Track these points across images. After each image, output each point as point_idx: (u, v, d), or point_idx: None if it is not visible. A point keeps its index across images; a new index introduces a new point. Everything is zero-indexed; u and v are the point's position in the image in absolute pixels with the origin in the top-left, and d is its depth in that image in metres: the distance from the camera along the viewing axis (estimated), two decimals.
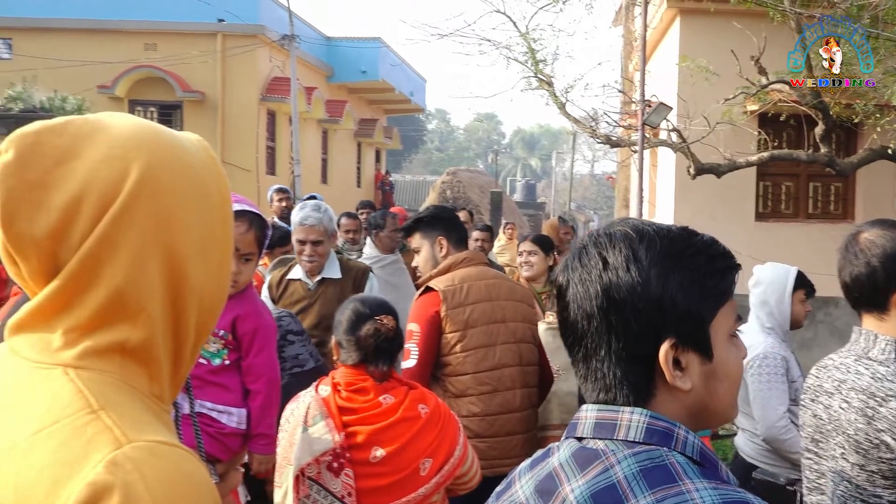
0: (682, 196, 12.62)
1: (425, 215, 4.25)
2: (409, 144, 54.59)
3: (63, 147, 1.04)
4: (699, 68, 10.42)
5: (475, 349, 3.85)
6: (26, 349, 1.04)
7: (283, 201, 9.36)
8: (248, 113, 21.61)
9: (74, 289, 1.02)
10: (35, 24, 21.00)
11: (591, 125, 11.12)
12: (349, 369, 2.86)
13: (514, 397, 3.90)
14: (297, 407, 2.80)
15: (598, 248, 1.27)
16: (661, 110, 10.18)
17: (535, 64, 11.00)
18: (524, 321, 4.04)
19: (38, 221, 1.02)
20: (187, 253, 1.07)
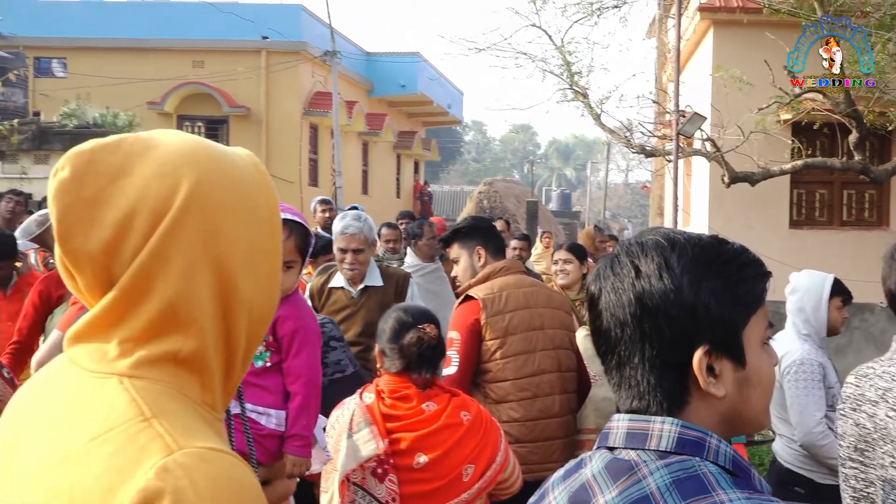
0: (716, 204, 12.50)
1: (463, 226, 4.25)
2: (447, 155, 54.63)
3: (116, 164, 1.04)
4: (733, 78, 10.33)
5: (515, 356, 3.83)
6: (83, 359, 1.05)
7: (325, 212, 9.40)
8: (292, 127, 21.76)
9: (128, 301, 1.03)
10: (88, 43, 21.33)
11: (626, 135, 11.06)
12: (393, 377, 2.85)
13: (553, 403, 3.88)
14: (342, 414, 2.80)
15: (630, 256, 1.26)
16: (695, 120, 10.10)
17: (570, 76, 10.97)
18: (562, 328, 4.02)
19: (93, 237, 1.03)
20: (236, 265, 1.07)
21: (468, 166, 69.65)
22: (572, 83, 11.00)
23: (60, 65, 21.59)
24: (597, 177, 56.41)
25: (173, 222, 1.03)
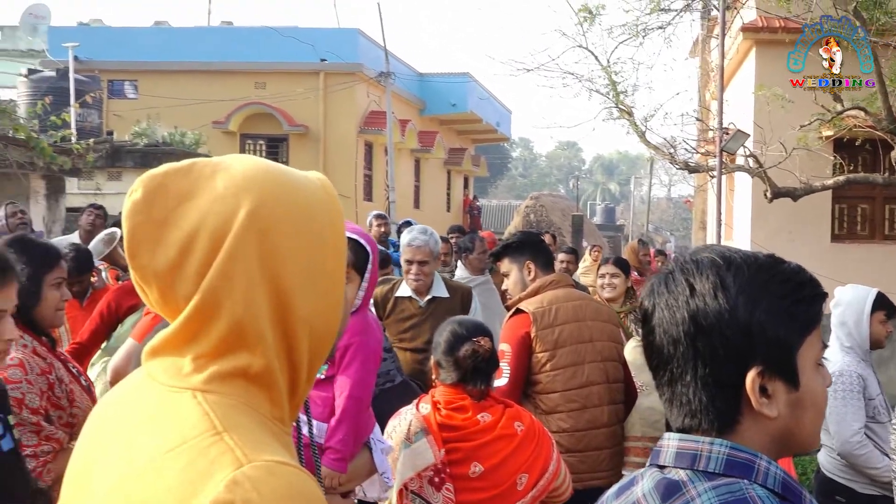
0: (758, 218, 12.31)
1: (513, 241, 4.23)
2: (495, 171, 54.60)
3: (186, 188, 1.06)
4: (775, 96, 10.17)
5: (564, 368, 3.80)
6: (160, 373, 1.06)
7: (381, 226, 9.46)
8: (348, 144, 21.92)
9: (200, 320, 1.04)
10: (158, 66, 21.72)
11: (671, 152, 10.94)
12: (448, 388, 2.84)
13: (601, 414, 3.84)
14: (399, 423, 2.79)
15: (685, 274, 1.23)
16: (738, 137, 9.96)
17: (616, 95, 10.88)
18: (610, 340, 3.98)
19: (159, 255, 1.04)
20: (293, 285, 1.06)
21: (515, 181, 69.56)
22: (618, 102, 10.91)
23: (132, 87, 22.02)
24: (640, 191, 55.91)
25: (233, 243, 1.03)
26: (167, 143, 14.71)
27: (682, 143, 11.00)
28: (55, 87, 14.11)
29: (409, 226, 10.36)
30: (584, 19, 10.95)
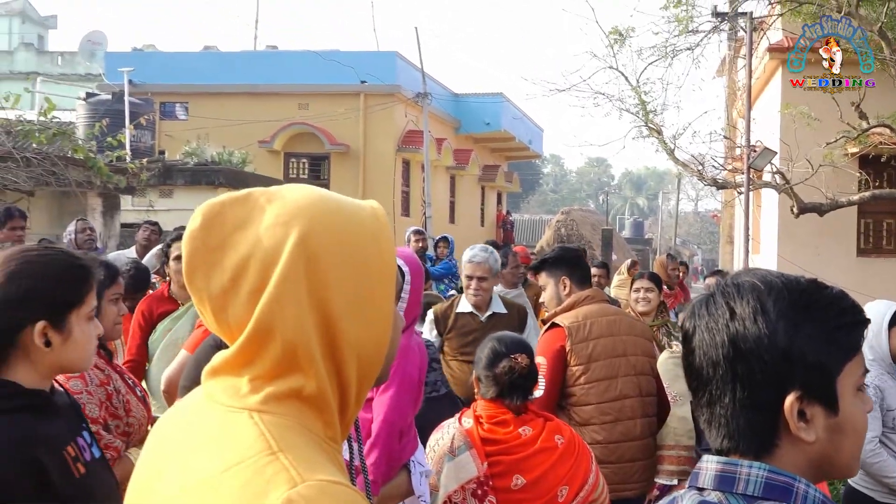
0: (785, 233, 12.16)
1: (550, 256, 4.19)
2: (527, 186, 54.53)
3: (241, 216, 1.07)
4: (801, 115, 10.05)
5: (598, 381, 3.75)
6: (219, 393, 1.06)
7: (419, 241, 9.49)
8: (386, 162, 22.02)
9: (255, 344, 1.04)
10: (207, 89, 22.00)
11: (699, 169, 10.85)
12: (489, 403, 2.82)
13: (634, 426, 3.79)
14: (443, 437, 2.78)
15: (725, 297, 1.20)
16: (765, 155, 9.85)
17: (645, 114, 10.82)
18: (643, 355, 3.92)
19: (214, 280, 1.05)
20: (341, 311, 1.06)
21: (547, 196, 69.38)
22: (647, 121, 10.85)
23: (183, 109, 22.30)
24: (668, 205, 55.56)
25: (283, 270, 1.03)
26: (215, 161, 14.84)
27: (711, 161, 10.89)
28: (111, 110, 14.34)
29: (446, 241, 10.39)
30: (615, 41, 10.92)
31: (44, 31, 41.40)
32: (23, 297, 1.78)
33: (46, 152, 9.76)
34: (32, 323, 1.78)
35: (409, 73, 22.13)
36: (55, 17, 42.42)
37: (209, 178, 14.36)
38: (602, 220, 31.02)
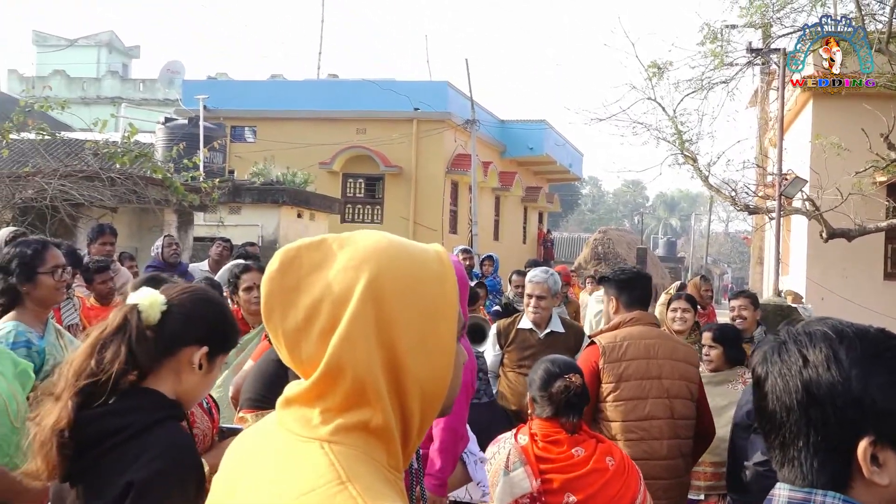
0: (814, 256, 11.90)
1: (606, 275, 4.15)
2: (567, 206, 54.21)
3: (316, 260, 1.07)
4: (832, 145, 9.84)
5: (626, 400, 3.67)
6: (291, 423, 1.07)
7: (466, 260, 9.45)
8: (436, 183, 22.08)
9: (327, 379, 1.04)
10: (273, 114, 22.29)
11: (732, 195, 10.67)
12: (544, 422, 2.79)
13: (661, 447, 3.67)
14: (499, 452, 2.75)
15: (798, 345, 1.18)
16: (796, 183, 9.66)
17: (681, 143, 10.69)
18: (682, 379, 3.78)
19: (290, 318, 1.05)
20: (407, 349, 1.05)
21: (585, 216, 68.92)
22: (682, 149, 10.72)
23: (251, 132, 22.63)
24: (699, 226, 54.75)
25: (353, 310, 1.03)
26: (280, 181, 15.00)
27: (743, 188, 10.71)
28: (187, 134, 14.58)
29: (491, 259, 10.35)
30: (653, 74, 10.82)
31: (128, 60, 42.41)
32: (203, 321, 1.87)
33: (129, 172, 9.98)
34: (198, 345, 1.86)
35: (458, 101, 22.21)
36: (138, 47, 43.43)
37: (274, 197, 14.52)
38: (637, 239, 30.70)
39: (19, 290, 3.19)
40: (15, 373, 2.64)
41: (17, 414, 2.49)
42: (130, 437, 1.71)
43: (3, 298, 3.20)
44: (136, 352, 1.78)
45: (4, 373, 2.57)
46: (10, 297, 3.20)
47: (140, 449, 1.69)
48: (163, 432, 1.74)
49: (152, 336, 1.81)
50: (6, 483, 2.34)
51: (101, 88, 37.57)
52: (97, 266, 5.91)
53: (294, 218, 15.07)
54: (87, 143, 11.45)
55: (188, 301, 1.89)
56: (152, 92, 37.18)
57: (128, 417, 1.73)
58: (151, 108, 28.41)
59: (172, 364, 1.83)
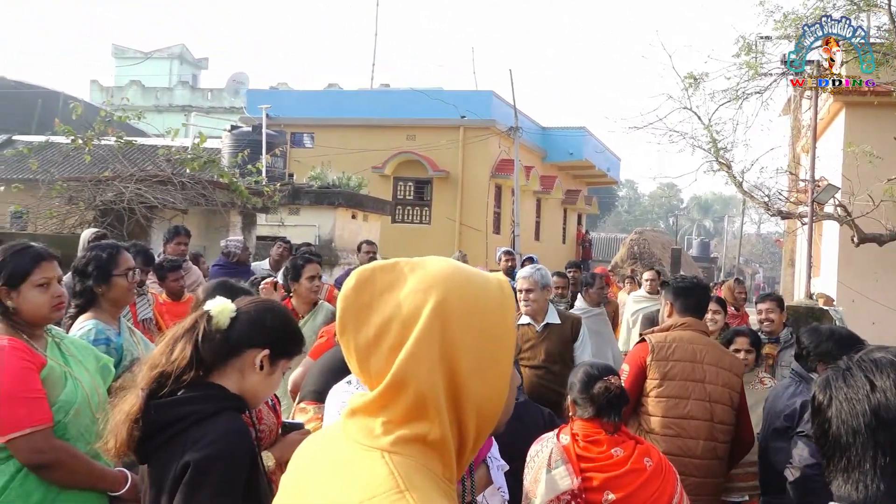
0: (845, 261, 11.58)
1: (667, 280, 4.16)
2: (604, 208, 53.60)
3: (389, 281, 1.08)
4: (864, 153, 9.56)
5: (668, 398, 3.67)
6: (355, 432, 1.07)
7: (508, 261, 9.42)
8: (481, 186, 22.05)
9: (392, 393, 1.05)
10: (330, 122, 22.49)
11: (765, 201, 10.44)
12: (585, 422, 2.77)
13: (696, 446, 3.63)
14: (541, 450, 2.73)
15: (863, 371, 1.17)
16: (829, 190, 9.41)
17: (716, 151, 10.49)
18: (724, 386, 3.72)
19: (361, 334, 1.07)
20: (466, 370, 1.06)
21: (621, 217, 68.13)
22: (717, 157, 10.52)
23: (309, 138, 22.84)
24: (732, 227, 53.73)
25: (420, 330, 1.04)
26: (336, 185, 15.10)
27: (776, 194, 10.47)
28: (251, 141, 14.76)
29: (532, 261, 10.29)
30: (690, 85, 10.63)
31: (197, 71, 43.17)
32: (266, 327, 1.96)
33: (198, 177, 10.14)
34: (261, 348, 1.94)
35: (502, 109, 22.13)
36: (207, 59, 44.19)
37: (330, 199, 14.64)
38: (671, 240, 30.27)
39: (95, 292, 3.27)
40: (97, 367, 2.70)
41: (99, 406, 2.55)
42: (193, 423, 1.80)
43: (81, 299, 3.29)
44: (202, 350, 1.88)
45: (88, 367, 2.63)
46: (86, 298, 3.28)
47: (200, 434, 1.78)
48: (221, 420, 1.82)
49: (219, 338, 1.89)
50: (86, 469, 2.42)
51: (172, 97, 38.31)
52: (170, 265, 6.02)
53: (349, 219, 15.18)
54: (160, 149, 11.68)
55: (255, 310, 1.98)
56: (219, 101, 37.80)
57: (191, 406, 1.82)
58: (218, 115, 28.88)
59: (237, 364, 1.92)
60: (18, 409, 2.31)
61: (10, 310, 2.46)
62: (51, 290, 2.51)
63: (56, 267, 2.57)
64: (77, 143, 10.33)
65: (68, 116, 10.48)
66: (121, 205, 9.15)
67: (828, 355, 3.40)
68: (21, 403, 2.32)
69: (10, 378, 2.33)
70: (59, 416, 2.40)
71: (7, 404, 2.32)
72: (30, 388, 2.35)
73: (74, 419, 2.43)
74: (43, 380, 2.41)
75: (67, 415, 2.41)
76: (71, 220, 9.51)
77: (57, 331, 2.72)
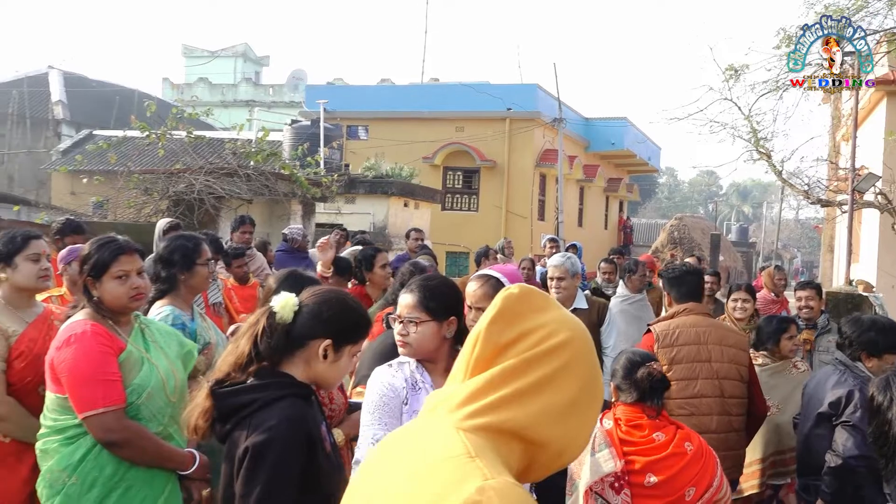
0: (885, 247, 11.18)
1: (661, 272, 4.15)
2: (644, 195, 52.72)
3: (542, 304, 1.18)
4: None
5: (678, 380, 3.68)
6: (443, 413, 1.12)
7: (553, 248, 9.36)
8: (526, 175, 21.89)
9: (489, 385, 1.11)
10: (383, 115, 22.54)
11: (805, 189, 10.12)
12: (628, 407, 2.75)
13: (710, 421, 3.66)
14: None
15: None
16: (869, 178, 9.08)
17: (756, 141, 10.20)
18: (731, 362, 3.76)
19: (503, 336, 1.13)
20: (562, 404, 1.11)
21: (662, 203, 66.96)
22: (758, 146, 10.22)
23: (364, 130, 22.93)
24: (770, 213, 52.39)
25: (541, 353, 1.11)
26: (389, 175, 15.16)
27: (816, 182, 10.14)
28: (310, 134, 14.91)
29: (575, 248, 10.19)
30: (730, 77, 10.34)
31: (259, 68, 43.68)
32: (327, 318, 1.96)
33: (262, 169, 10.29)
34: (323, 338, 1.94)
35: (546, 101, 21.90)
36: (268, 56, 44.66)
37: (384, 188, 14.71)
38: (711, 225, 29.56)
39: (178, 278, 3.35)
40: (180, 353, 2.75)
41: (175, 390, 2.60)
42: (257, 409, 1.84)
43: (165, 285, 3.37)
44: (264, 344, 1.91)
45: (168, 353, 2.68)
46: (169, 284, 3.36)
47: (262, 419, 1.82)
48: (283, 406, 1.85)
49: (283, 331, 1.92)
50: (154, 448, 2.47)
51: (237, 93, 38.86)
52: (234, 253, 6.14)
53: (401, 207, 15.24)
54: (226, 142, 11.87)
55: (316, 302, 1.98)
56: (280, 95, 38.21)
57: (255, 394, 1.86)
58: (279, 109, 29.19)
59: (303, 354, 1.93)
60: (94, 389, 2.38)
61: (95, 298, 2.54)
62: (129, 282, 2.55)
63: (136, 259, 2.61)
64: (151, 138, 10.57)
65: (143, 113, 10.72)
66: (191, 195, 9.34)
67: (870, 345, 3.30)
68: (97, 385, 2.39)
69: (88, 361, 2.40)
70: (132, 398, 2.46)
71: (84, 385, 2.39)
72: (106, 370, 2.42)
73: (147, 401, 2.49)
74: (120, 363, 2.48)
75: (140, 397, 2.47)
76: (146, 209, 9.75)
77: (145, 318, 2.78)
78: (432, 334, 2.34)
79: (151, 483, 2.46)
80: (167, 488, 2.51)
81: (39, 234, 3.18)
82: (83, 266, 2.56)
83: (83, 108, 26.15)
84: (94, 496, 2.37)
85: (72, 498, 2.38)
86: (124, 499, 2.40)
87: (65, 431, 2.42)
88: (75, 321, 2.52)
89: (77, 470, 2.39)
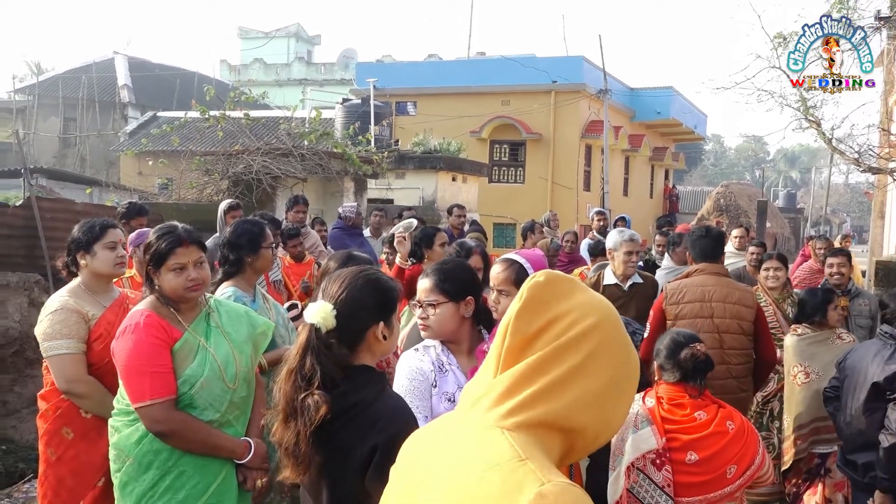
0: None
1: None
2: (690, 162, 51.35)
3: (568, 288, 1.14)
4: None
5: None
6: (481, 410, 1.10)
7: (601, 221, 9.27)
8: (572, 147, 21.59)
9: (523, 378, 1.08)
10: (431, 91, 22.42)
11: (856, 157, 9.72)
12: (670, 386, 2.72)
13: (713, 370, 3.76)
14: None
15: None
16: None
17: (805, 109, 9.80)
18: (732, 318, 3.96)
19: (532, 325, 1.10)
20: (596, 389, 1.08)
21: (708, 170, 65.31)
22: (807, 115, 9.83)
23: (412, 106, 22.89)
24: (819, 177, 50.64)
25: (571, 340, 1.08)
26: (437, 150, 15.12)
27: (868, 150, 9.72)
28: (362, 113, 14.94)
29: (623, 220, 10.03)
30: (779, 45, 9.92)
31: (311, 48, 43.80)
32: (374, 304, 1.89)
33: (315, 149, 10.38)
34: (377, 322, 1.88)
35: (592, 73, 21.47)
36: (320, 35, 44.71)
37: (432, 163, 14.68)
38: (758, 192, 28.64)
39: (245, 260, 3.41)
40: (251, 335, 2.68)
41: (234, 377, 2.55)
42: (364, 408, 1.79)
43: (233, 268, 3.43)
44: (328, 358, 1.79)
45: (234, 337, 2.61)
46: (237, 267, 3.43)
47: (374, 418, 1.78)
48: (388, 401, 1.84)
49: (336, 340, 1.81)
50: (203, 438, 2.46)
51: (290, 72, 39.13)
52: (289, 233, 6.24)
53: (449, 181, 15.21)
54: (281, 122, 11.99)
55: (348, 296, 1.86)
56: (331, 73, 38.33)
57: (358, 394, 1.81)
58: (331, 87, 29.32)
59: (364, 345, 1.87)
60: (142, 381, 2.39)
61: (157, 287, 2.55)
62: (185, 274, 2.52)
63: (194, 251, 2.57)
64: (210, 121, 10.74)
65: (202, 96, 10.89)
66: (249, 176, 9.50)
67: None
68: (145, 377, 2.39)
69: (138, 353, 2.41)
70: (184, 389, 2.45)
71: (134, 376, 2.41)
72: (156, 362, 2.41)
73: (201, 391, 2.47)
74: (174, 353, 2.46)
75: (193, 387, 2.45)
76: (208, 189, 9.95)
77: (216, 301, 2.73)
78: (451, 315, 2.36)
79: (205, 470, 2.47)
80: (221, 475, 2.50)
81: (115, 222, 3.25)
82: (145, 255, 2.58)
83: (147, 91, 26.71)
84: (149, 477, 2.42)
85: (131, 476, 2.44)
86: (178, 483, 2.43)
87: (129, 414, 2.47)
88: (135, 310, 2.54)
89: (134, 452, 2.44)
